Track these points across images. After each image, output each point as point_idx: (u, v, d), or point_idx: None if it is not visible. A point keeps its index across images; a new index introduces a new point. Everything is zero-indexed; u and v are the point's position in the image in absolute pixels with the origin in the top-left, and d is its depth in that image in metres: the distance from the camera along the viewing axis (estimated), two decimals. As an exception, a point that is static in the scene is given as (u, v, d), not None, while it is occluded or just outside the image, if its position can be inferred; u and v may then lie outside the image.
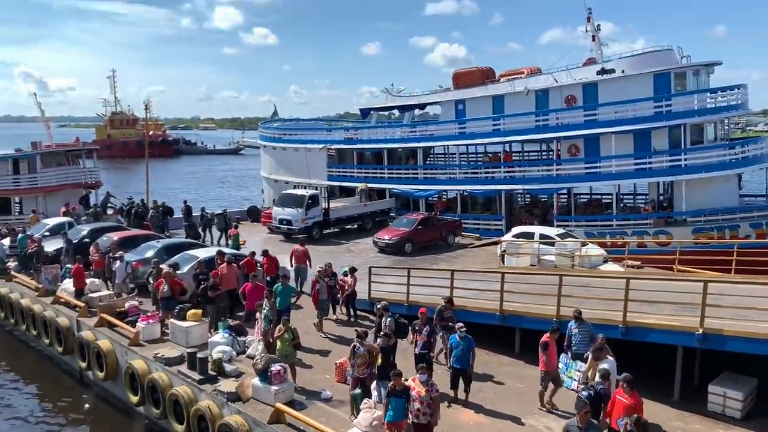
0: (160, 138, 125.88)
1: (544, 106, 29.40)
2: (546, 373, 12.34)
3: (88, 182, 36.02)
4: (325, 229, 30.35)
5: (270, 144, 40.94)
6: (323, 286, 17.08)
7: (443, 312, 14.26)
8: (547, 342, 12.40)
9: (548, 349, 12.30)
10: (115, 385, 15.98)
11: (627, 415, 9.58)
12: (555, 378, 12.46)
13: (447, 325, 14.04)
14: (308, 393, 13.08)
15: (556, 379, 12.49)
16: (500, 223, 29.75)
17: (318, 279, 17.19)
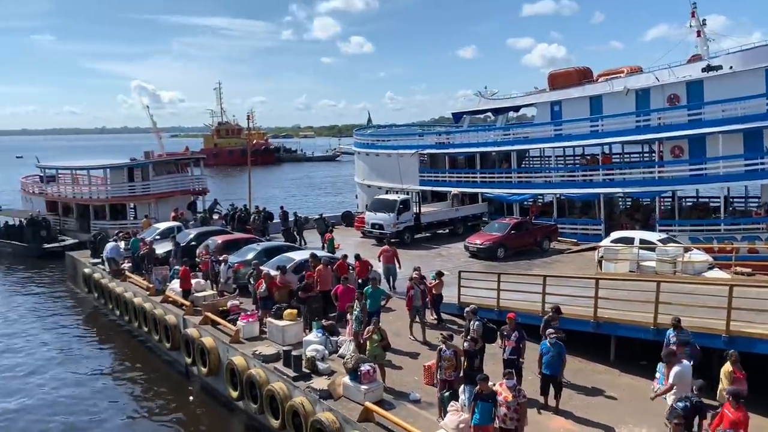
0: (262, 146, 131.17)
1: (645, 105, 28.16)
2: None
3: (195, 189, 38.32)
4: (416, 234, 30.61)
5: (363, 150, 41.76)
6: (417, 292, 16.97)
7: (550, 322, 13.53)
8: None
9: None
10: (217, 380, 16.89)
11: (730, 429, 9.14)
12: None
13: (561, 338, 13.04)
14: (397, 393, 13.30)
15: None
16: (599, 227, 28.79)
17: (413, 285, 17.09)
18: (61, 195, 40.17)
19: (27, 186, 44.94)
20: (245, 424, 15.59)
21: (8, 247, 36.74)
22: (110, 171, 37.71)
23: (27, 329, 23.65)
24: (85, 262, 27.23)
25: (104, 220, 36.05)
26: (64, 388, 18.26)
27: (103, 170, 38.33)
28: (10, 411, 16.76)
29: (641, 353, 15.21)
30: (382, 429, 11.79)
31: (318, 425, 12.58)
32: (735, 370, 11.20)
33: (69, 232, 37.86)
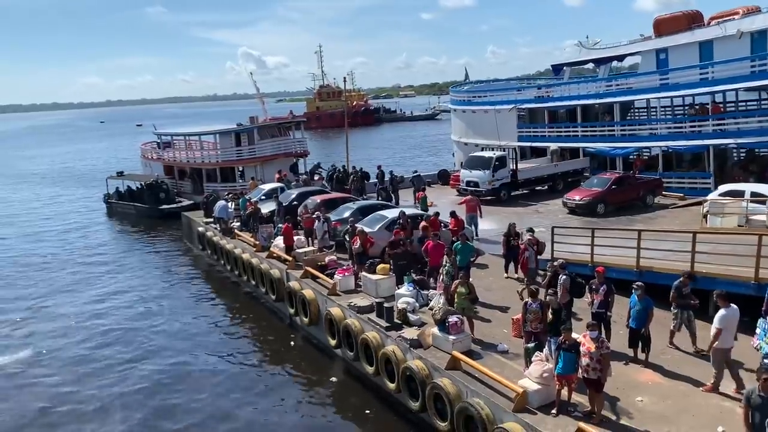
0: (362, 108, 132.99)
1: (762, 49, 26.02)
2: None
3: (297, 151, 39.90)
4: (513, 191, 30.39)
5: (460, 108, 41.50)
6: (532, 254, 16.67)
7: (681, 288, 12.79)
8: None
9: None
10: (318, 330, 18.03)
11: None
12: None
13: (687, 303, 12.79)
14: (485, 345, 13.71)
15: None
16: (708, 181, 27.31)
17: (527, 246, 16.85)
18: (176, 160, 43.10)
19: (146, 152, 48.53)
20: (344, 368, 16.61)
21: (131, 209, 40.19)
22: (219, 136, 39.95)
23: (149, 283, 26.12)
24: (198, 222, 29.36)
25: (215, 183, 38.40)
26: (183, 335, 20.22)
27: (213, 136, 40.66)
28: (140, 353, 18.79)
29: (744, 309, 14.63)
30: (468, 376, 12.27)
31: (408, 372, 13.28)
32: None
33: (185, 194, 40.70)
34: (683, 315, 12.88)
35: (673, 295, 12.77)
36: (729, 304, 11.29)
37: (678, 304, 12.82)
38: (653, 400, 11.18)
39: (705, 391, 11.35)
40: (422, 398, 12.88)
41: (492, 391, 11.62)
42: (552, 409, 10.82)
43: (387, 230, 19.90)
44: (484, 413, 11.22)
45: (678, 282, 12.82)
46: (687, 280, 12.88)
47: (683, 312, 12.88)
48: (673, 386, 11.68)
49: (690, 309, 12.83)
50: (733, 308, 11.30)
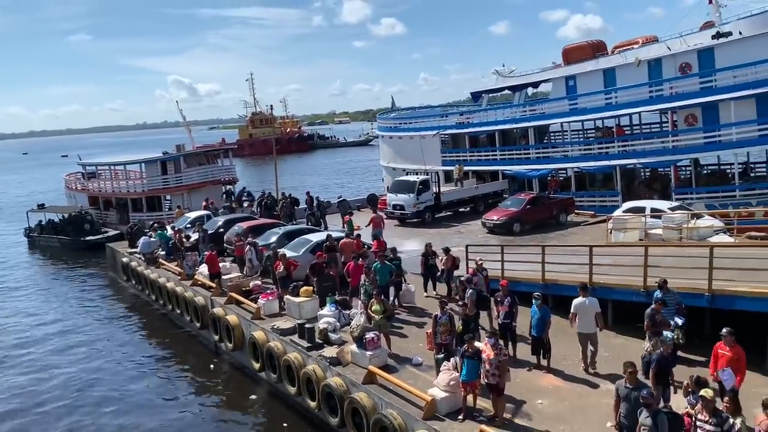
0: (296, 134, 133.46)
1: (658, 76, 28.29)
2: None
3: (225, 179, 39.95)
4: (437, 213, 31.48)
5: (387, 134, 42.68)
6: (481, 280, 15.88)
7: (654, 315, 12.24)
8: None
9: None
10: (242, 354, 18.24)
11: (728, 367, 9.90)
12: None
13: (660, 331, 12.05)
14: (401, 359, 14.38)
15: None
16: (616, 199, 29.14)
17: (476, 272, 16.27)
18: (101, 190, 42.34)
19: (70, 183, 47.39)
20: (268, 391, 16.88)
21: (55, 242, 39.08)
22: (145, 165, 39.61)
23: (71, 317, 25.57)
24: (122, 252, 29.02)
25: (141, 212, 37.97)
26: (107, 366, 20.00)
27: (139, 165, 40.25)
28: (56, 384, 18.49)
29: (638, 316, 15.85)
30: (384, 390, 12.85)
31: (328, 389, 13.76)
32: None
33: (110, 224, 39.96)
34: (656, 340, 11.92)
35: (647, 323, 12.28)
36: (587, 295, 13.42)
37: (653, 332, 12.18)
38: (552, 402, 12.08)
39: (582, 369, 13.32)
40: (341, 413, 13.36)
41: (405, 401, 12.24)
42: (459, 415, 11.53)
43: (311, 254, 20.40)
44: (397, 423, 11.82)
45: (650, 310, 12.41)
46: (659, 307, 12.40)
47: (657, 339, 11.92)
48: (571, 389, 12.64)
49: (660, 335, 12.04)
50: (590, 299, 13.38)
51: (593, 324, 13.24)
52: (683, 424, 8.94)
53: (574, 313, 13.29)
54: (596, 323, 13.26)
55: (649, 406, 8.74)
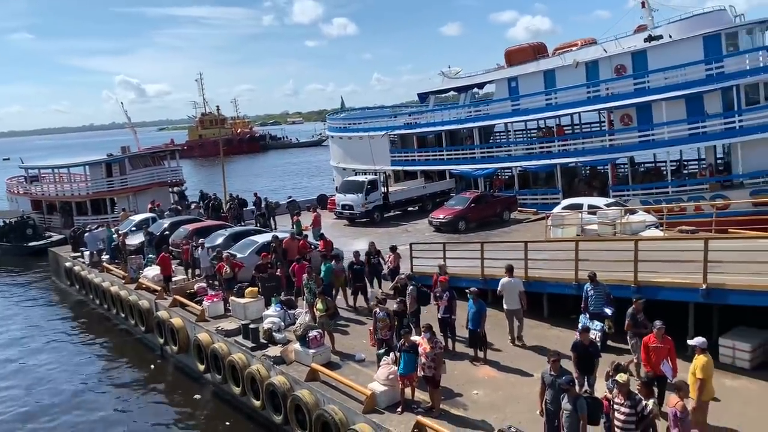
0: (247, 135, 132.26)
1: (595, 77, 29.34)
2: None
3: (172, 180, 39.48)
4: (386, 212, 31.87)
5: (337, 134, 42.89)
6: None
7: (635, 315, 12.18)
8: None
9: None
10: (188, 357, 18.23)
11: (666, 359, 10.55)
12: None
13: (641, 331, 11.90)
14: (345, 356, 14.67)
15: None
16: (558, 196, 30.05)
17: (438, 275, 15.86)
18: (45, 194, 41.26)
19: (12, 187, 46.01)
20: (213, 393, 16.94)
21: (-3, 248, 37.89)
22: (89, 167, 38.80)
23: (12, 324, 24.96)
24: (65, 257, 28.46)
25: (86, 216, 37.16)
26: (50, 373, 19.65)
27: (83, 167, 39.40)
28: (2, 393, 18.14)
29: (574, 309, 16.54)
30: (326, 386, 13.13)
31: (271, 387, 13.97)
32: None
33: (54, 229, 38.98)
34: (638, 343, 11.99)
35: (628, 323, 12.20)
36: (512, 275, 14.76)
37: (633, 332, 12.24)
38: (487, 392, 12.57)
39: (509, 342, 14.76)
40: (284, 411, 13.58)
41: (346, 396, 12.56)
42: (398, 407, 11.90)
43: (257, 255, 20.49)
44: (338, 417, 12.11)
45: (632, 309, 12.25)
46: (640, 307, 12.25)
47: (639, 340, 11.96)
48: (506, 379, 13.16)
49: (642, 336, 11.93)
50: (514, 279, 14.78)
51: (518, 301, 14.60)
52: (602, 407, 9.49)
53: (501, 291, 14.74)
54: (520, 301, 14.56)
55: (569, 391, 9.26)
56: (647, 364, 10.95)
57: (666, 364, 10.60)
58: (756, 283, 12.50)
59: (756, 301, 12.49)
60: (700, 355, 10.10)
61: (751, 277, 12.79)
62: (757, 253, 13.89)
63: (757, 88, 25.65)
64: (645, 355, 11.00)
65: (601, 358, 11.60)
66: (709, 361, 10.05)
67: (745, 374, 12.52)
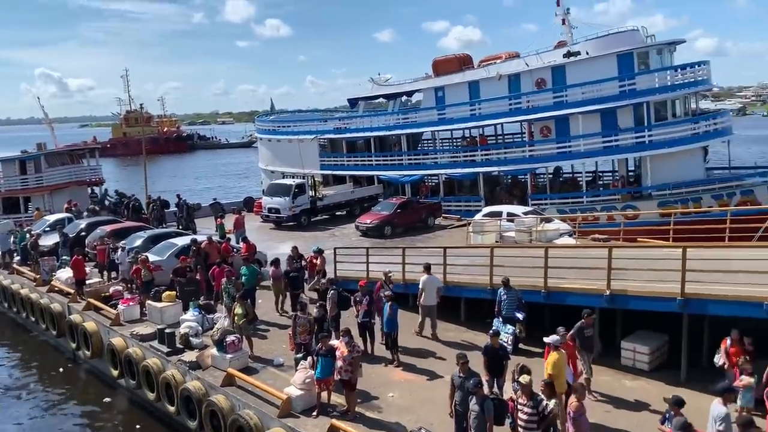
0: (174, 134, 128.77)
1: (517, 89, 30.39)
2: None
3: (91, 179, 38.05)
4: (313, 216, 31.85)
5: (266, 137, 42.49)
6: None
7: (583, 329, 12.17)
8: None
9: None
10: (101, 362, 17.67)
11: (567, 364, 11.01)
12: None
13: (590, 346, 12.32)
14: (264, 360, 14.64)
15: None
16: (480, 204, 30.84)
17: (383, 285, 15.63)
18: (-47, 191, 38.78)
19: None
20: (128, 399, 16.52)
21: None
22: (1, 164, 36.88)
23: None
24: (-29, 258, 26.91)
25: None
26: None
27: (-6, 163, 37.39)
28: None
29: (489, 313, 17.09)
30: (243, 391, 13.07)
31: (186, 393, 13.76)
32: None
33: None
34: (585, 357, 12.26)
35: (572, 334, 11.91)
36: (430, 273, 15.67)
37: (582, 348, 12.15)
38: (403, 395, 12.84)
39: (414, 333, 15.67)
40: (199, 417, 13.41)
41: (262, 401, 12.54)
42: (313, 411, 11.99)
43: (176, 258, 20.08)
44: (253, 422, 12.09)
45: (580, 323, 12.19)
46: (591, 321, 12.32)
47: (585, 354, 12.26)
48: (421, 381, 13.49)
49: (591, 352, 12.46)
50: (432, 276, 15.67)
51: (434, 298, 15.57)
52: (507, 408, 9.91)
53: (421, 288, 15.52)
54: (436, 296, 15.55)
55: (477, 393, 9.62)
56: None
57: (568, 368, 11.16)
58: (655, 289, 13.29)
59: (655, 306, 13.29)
60: (554, 352, 10.83)
61: (651, 284, 13.60)
62: (659, 261, 14.78)
63: (665, 104, 27.33)
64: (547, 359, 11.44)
65: (510, 360, 12.10)
66: (560, 358, 10.77)
67: (644, 375, 13.31)
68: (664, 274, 13.44)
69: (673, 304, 12.71)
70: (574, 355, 11.60)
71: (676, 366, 13.26)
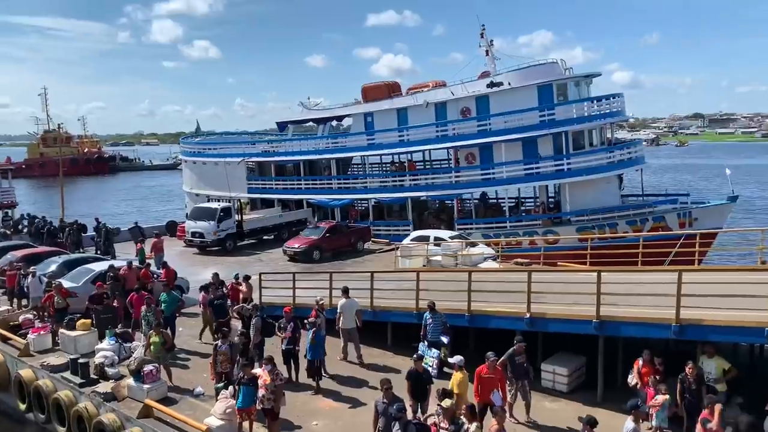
0: (95, 155, 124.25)
1: (443, 117, 31.17)
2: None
3: (2, 202, 36.10)
4: (239, 241, 31.28)
5: (191, 159, 41.62)
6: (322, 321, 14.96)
7: (514, 356, 12.24)
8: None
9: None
10: (7, 395, 16.59)
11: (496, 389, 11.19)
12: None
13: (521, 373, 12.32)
14: (184, 390, 14.13)
15: None
16: (409, 228, 31.22)
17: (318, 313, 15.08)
18: None
19: None
20: (36, 435, 15.55)
21: None
22: None
23: None
24: None
25: None
26: None
27: None
28: None
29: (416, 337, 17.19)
30: (160, 423, 12.57)
31: (100, 426, 13.09)
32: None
33: None
34: (518, 384, 12.37)
35: (503, 360, 12.00)
36: (349, 296, 15.78)
37: (514, 376, 12.28)
38: (327, 423, 12.67)
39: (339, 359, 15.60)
40: (114, 450, 12.79)
41: (180, 433, 12.10)
42: (234, 441, 11.66)
43: (93, 284, 19.24)
44: (171, 455, 11.63)
45: (512, 350, 12.25)
46: (521, 348, 12.31)
47: (518, 381, 12.36)
48: (345, 409, 13.35)
49: (525, 379, 12.46)
50: (351, 300, 15.77)
51: (353, 321, 15.57)
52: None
53: (340, 312, 15.56)
54: (356, 320, 15.56)
55: (400, 419, 9.62)
56: (477, 393, 11.54)
57: (496, 394, 11.34)
58: (572, 312, 13.75)
59: (572, 329, 13.74)
60: (458, 372, 11.16)
61: (569, 307, 14.08)
62: (576, 285, 15.33)
63: (582, 134, 28.64)
64: (477, 384, 11.57)
65: (434, 384, 12.17)
66: (464, 378, 11.13)
67: (563, 397, 13.67)
68: (581, 297, 13.96)
69: (589, 326, 13.16)
70: (503, 380, 11.78)
71: (593, 387, 13.67)
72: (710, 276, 15.88)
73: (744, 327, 11.74)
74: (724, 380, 11.60)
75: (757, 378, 13.29)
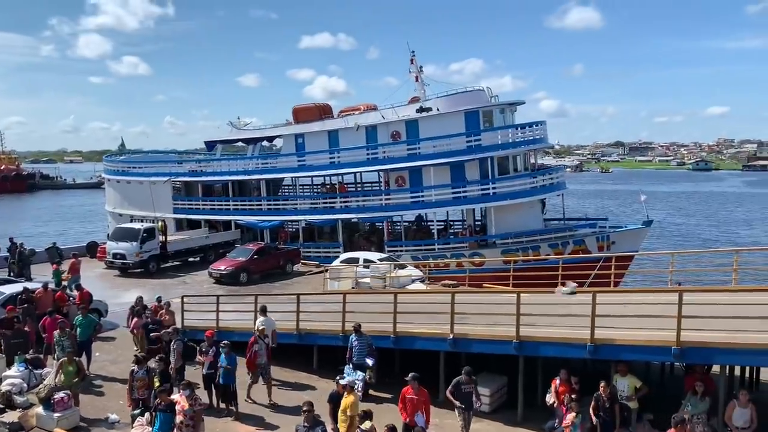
0: (13, 172, 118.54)
1: (374, 140, 31.53)
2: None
3: None
4: (163, 263, 30.38)
5: (114, 177, 40.32)
6: (262, 347, 14.77)
7: (461, 385, 12.10)
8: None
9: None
10: None
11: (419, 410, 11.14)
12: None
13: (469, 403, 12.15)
14: (97, 420, 13.52)
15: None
16: (339, 250, 31.22)
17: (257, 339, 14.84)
18: None
19: None
20: (-70, 472, 14.47)
21: None
22: None
23: None
24: None
25: None
26: None
27: None
28: None
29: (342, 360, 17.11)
30: (71, 453, 11.98)
31: (4, 459, 12.35)
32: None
33: None
34: (465, 414, 12.19)
35: (451, 389, 11.98)
36: (266, 315, 15.83)
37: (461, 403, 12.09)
38: (248, 449, 12.41)
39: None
40: (17, 485, 12.06)
41: (92, 463, 11.56)
42: (148, 471, 11.23)
43: (3, 307, 18.22)
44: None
45: (458, 379, 12.13)
46: (469, 378, 12.12)
47: (465, 411, 12.17)
48: (264, 432, 13.13)
49: (471, 409, 12.26)
50: (268, 318, 15.75)
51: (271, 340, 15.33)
52: (352, 456, 9.92)
53: (262, 328, 15.17)
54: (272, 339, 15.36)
55: (321, 443, 9.56)
56: (404, 413, 11.57)
57: (420, 416, 11.39)
58: (493, 332, 14.06)
59: (493, 349, 14.03)
60: (349, 395, 11.26)
61: (491, 328, 14.38)
62: (499, 306, 15.68)
63: (507, 159, 29.57)
64: (402, 405, 11.63)
65: (358, 407, 12.13)
66: (355, 400, 11.24)
67: (486, 417, 13.87)
68: (502, 318, 14.29)
69: (509, 346, 13.47)
70: (428, 402, 11.78)
71: (514, 406, 13.97)
72: (625, 297, 16.59)
73: (653, 346, 12.31)
74: (636, 398, 12.11)
75: (668, 395, 13.93)
